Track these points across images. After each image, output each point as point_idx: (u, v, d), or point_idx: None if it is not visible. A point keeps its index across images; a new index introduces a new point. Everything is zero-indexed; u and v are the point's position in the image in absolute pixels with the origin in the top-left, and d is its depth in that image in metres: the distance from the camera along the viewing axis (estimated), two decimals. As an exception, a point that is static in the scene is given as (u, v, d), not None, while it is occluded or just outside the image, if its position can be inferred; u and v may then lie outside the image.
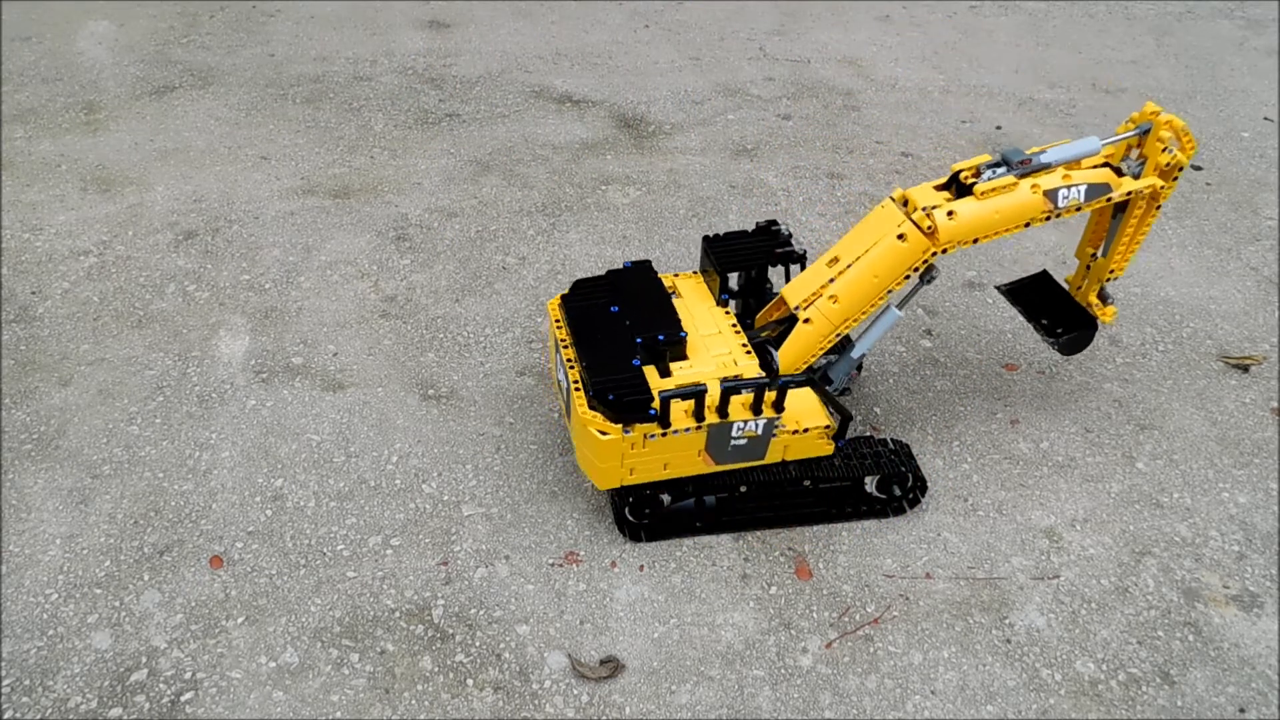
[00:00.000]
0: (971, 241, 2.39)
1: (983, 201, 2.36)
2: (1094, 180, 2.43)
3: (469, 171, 4.42)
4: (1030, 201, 2.38)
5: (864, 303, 2.44)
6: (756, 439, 2.41)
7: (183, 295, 3.55)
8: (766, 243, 2.72)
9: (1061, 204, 2.39)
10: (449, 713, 2.20)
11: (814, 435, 2.49)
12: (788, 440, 2.48)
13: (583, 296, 2.58)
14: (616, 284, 2.61)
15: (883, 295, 2.44)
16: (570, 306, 2.56)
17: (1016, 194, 2.37)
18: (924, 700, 2.24)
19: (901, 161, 4.60)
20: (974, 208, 2.35)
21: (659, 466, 2.42)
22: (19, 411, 3.00)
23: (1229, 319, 3.56)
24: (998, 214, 2.37)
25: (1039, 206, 2.38)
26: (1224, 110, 5.21)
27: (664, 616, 2.42)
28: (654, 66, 5.60)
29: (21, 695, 2.21)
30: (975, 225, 2.36)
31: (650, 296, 2.57)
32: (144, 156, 4.48)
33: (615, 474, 2.41)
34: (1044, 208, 2.39)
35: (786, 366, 2.51)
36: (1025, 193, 2.38)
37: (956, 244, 2.37)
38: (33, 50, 5.52)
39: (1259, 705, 2.26)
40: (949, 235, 2.34)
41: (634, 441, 2.32)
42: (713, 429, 2.35)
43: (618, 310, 2.51)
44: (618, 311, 2.51)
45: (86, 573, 2.50)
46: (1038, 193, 2.38)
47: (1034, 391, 3.18)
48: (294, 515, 2.67)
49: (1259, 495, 2.81)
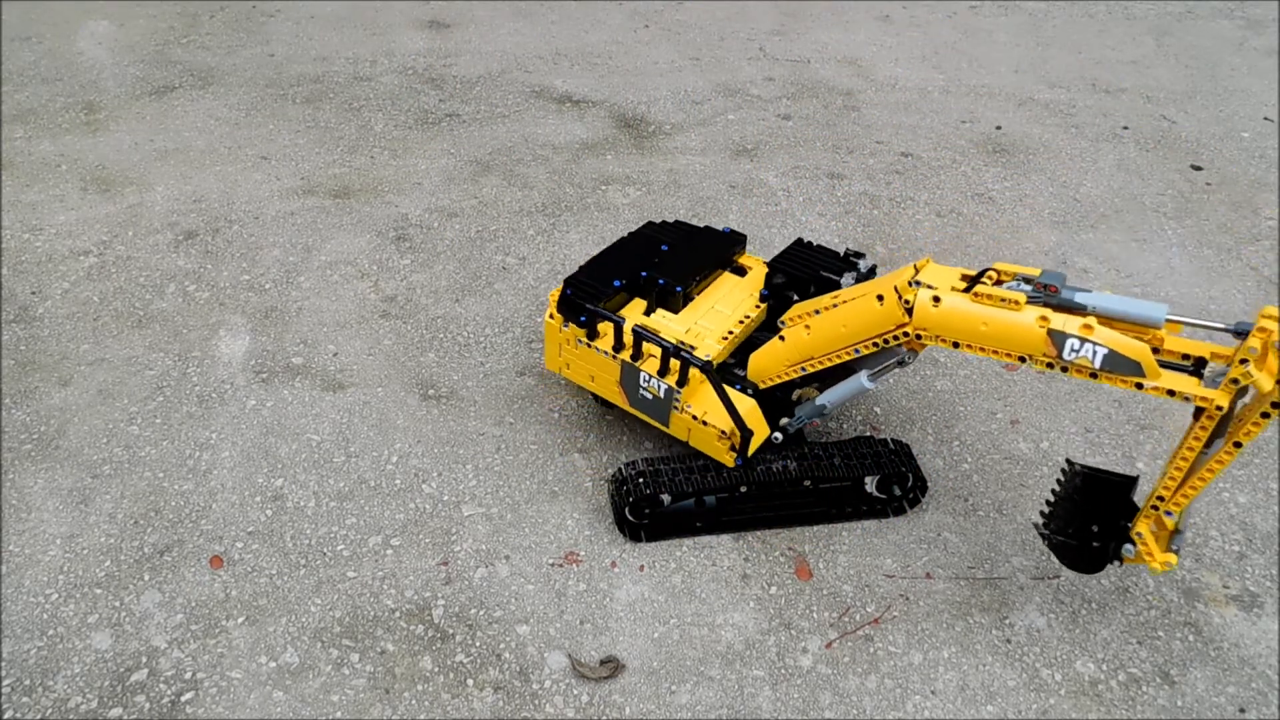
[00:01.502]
0: (952, 344, 2.11)
1: (975, 305, 2.04)
2: (1121, 350, 1.92)
3: (469, 171, 4.42)
4: (1028, 333, 1.99)
5: (828, 347, 2.32)
6: (659, 400, 2.55)
7: (183, 295, 3.55)
8: (825, 262, 2.71)
9: (1068, 356, 1.97)
10: (449, 713, 2.20)
11: (713, 434, 2.47)
12: (690, 423, 2.52)
13: (662, 229, 2.95)
14: (693, 235, 2.90)
15: (849, 350, 2.28)
16: (644, 229, 2.95)
17: (1015, 316, 2.00)
18: (924, 700, 2.24)
19: (901, 161, 4.60)
20: (963, 306, 2.05)
21: (587, 375, 2.70)
22: (19, 411, 3.00)
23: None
24: (985, 327, 2.04)
25: (1038, 344, 1.99)
26: (1224, 110, 5.21)
27: (664, 616, 2.42)
28: (654, 66, 5.60)
29: (21, 695, 2.21)
30: (956, 325, 2.07)
31: (697, 256, 2.80)
32: (144, 156, 4.48)
33: (554, 359, 2.77)
34: (1044, 349, 1.99)
35: (751, 372, 2.55)
36: (1027, 320, 1.99)
37: (933, 336, 2.11)
38: (33, 50, 5.52)
39: (1259, 705, 2.26)
40: (923, 320, 2.10)
41: (568, 338, 2.64)
42: (625, 366, 2.57)
43: (665, 249, 2.81)
44: (665, 250, 2.81)
45: (86, 573, 2.50)
46: (1042, 328, 1.97)
47: (1034, 391, 3.18)
48: (294, 515, 2.67)
49: (1259, 495, 2.81)
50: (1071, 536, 2.25)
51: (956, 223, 4.12)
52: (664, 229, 2.96)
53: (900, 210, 4.20)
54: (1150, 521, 2.12)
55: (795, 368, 2.43)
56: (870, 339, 2.23)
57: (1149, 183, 4.48)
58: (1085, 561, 2.28)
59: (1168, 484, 2.04)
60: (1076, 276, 3.76)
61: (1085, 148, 4.78)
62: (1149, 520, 2.11)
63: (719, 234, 2.92)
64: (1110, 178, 4.51)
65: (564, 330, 2.64)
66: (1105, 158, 4.69)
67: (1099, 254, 3.92)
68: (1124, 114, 5.14)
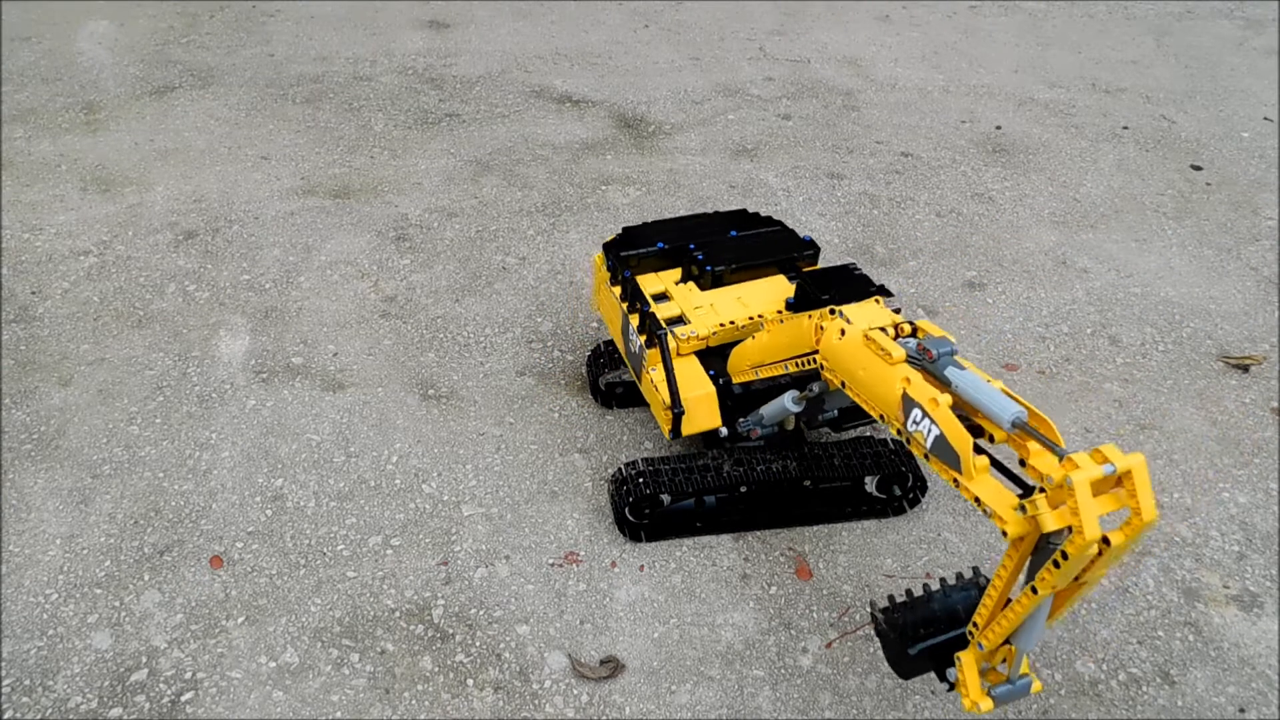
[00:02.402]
0: (840, 383, 2.04)
1: (863, 348, 1.95)
2: (949, 435, 1.72)
3: (469, 171, 4.42)
4: (889, 391, 1.85)
5: (771, 355, 2.36)
6: (636, 355, 2.68)
7: (183, 295, 3.55)
8: (849, 288, 2.62)
9: (910, 427, 1.81)
10: (449, 713, 2.20)
11: (659, 401, 2.54)
12: (648, 385, 2.61)
13: (748, 218, 3.00)
14: (768, 233, 2.92)
15: (781, 364, 2.33)
16: (733, 212, 3.04)
17: (886, 370, 1.86)
18: (924, 700, 2.24)
19: (901, 161, 4.60)
20: (853, 346, 1.97)
21: (609, 317, 2.91)
22: (19, 411, 3.00)
23: (1229, 319, 3.56)
24: (863, 372, 1.94)
25: (893, 405, 1.84)
26: (1224, 110, 5.21)
27: (664, 616, 2.42)
28: (654, 66, 5.60)
29: (21, 695, 2.21)
30: (844, 362, 2.00)
31: (755, 250, 2.83)
32: (144, 156, 4.48)
33: (594, 299, 3.03)
34: (896, 411, 1.84)
35: (728, 364, 2.58)
36: (893, 378, 1.84)
37: (828, 364, 2.07)
38: (33, 50, 5.52)
39: (1259, 705, 2.26)
40: (824, 348, 2.07)
41: (604, 280, 2.85)
42: (624, 317, 2.73)
43: (733, 235, 2.88)
44: (733, 236, 2.88)
45: (86, 573, 2.50)
46: (899, 389, 1.82)
47: (1034, 391, 3.18)
48: (294, 515, 2.67)
49: (1259, 495, 2.81)
50: (900, 635, 1.89)
51: (956, 223, 4.12)
52: (750, 218, 2.99)
53: (900, 210, 4.20)
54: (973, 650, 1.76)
55: (748, 365, 2.48)
56: (794, 357, 2.30)
57: (1149, 183, 4.48)
58: (900, 664, 1.95)
59: (981, 611, 1.73)
60: (1076, 276, 3.77)
61: (1085, 148, 4.78)
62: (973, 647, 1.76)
63: (795, 238, 2.89)
64: (1110, 178, 4.51)
65: (605, 271, 2.84)
66: (1105, 158, 4.69)
67: (1099, 254, 3.92)
68: (1124, 114, 5.14)
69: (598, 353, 3.04)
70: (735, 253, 2.79)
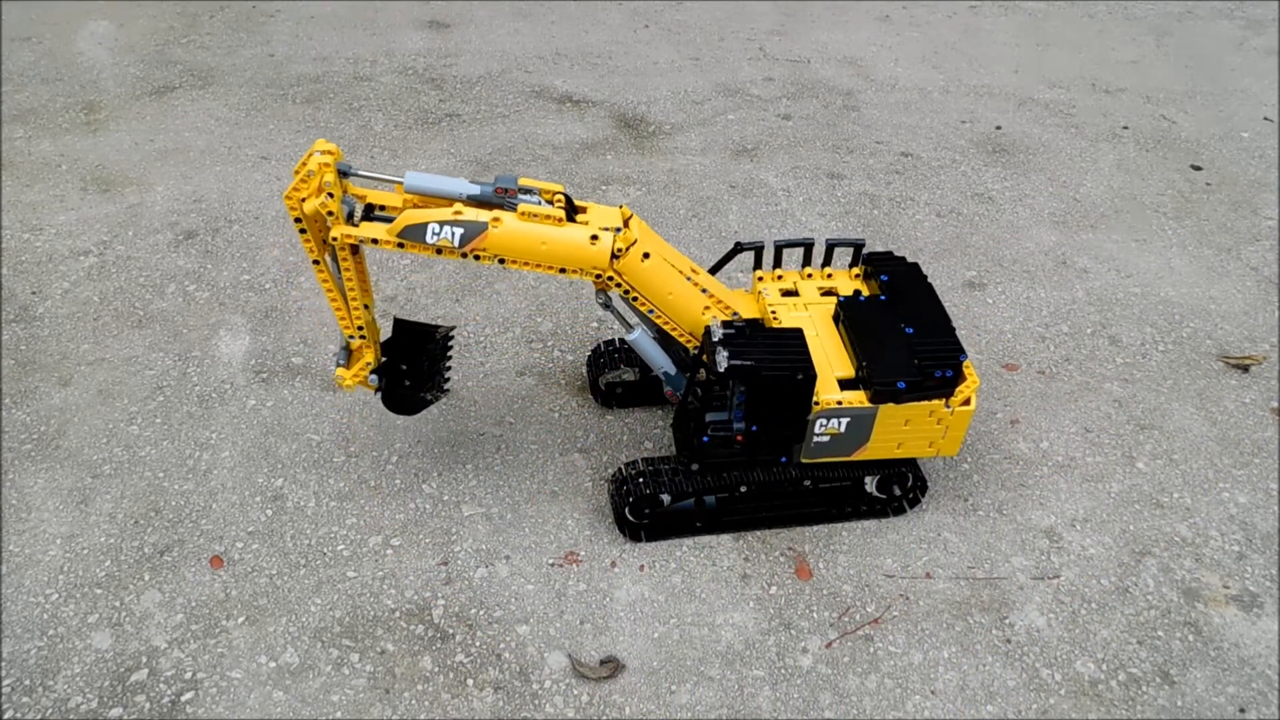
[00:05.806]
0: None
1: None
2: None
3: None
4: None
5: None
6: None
7: (183, 295, 3.55)
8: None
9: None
10: (449, 713, 2.20)
11: None
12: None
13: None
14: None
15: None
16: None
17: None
18: (924, 700, 2.24)
19: (901, 161, 4.60)
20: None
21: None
22: (19, 411, 3.00)
23: (1229, 319, 3.56)
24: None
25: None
26: (1224, 110, 5.21)
27: (664, 616, 2.42)
28: (654, 66, 5.60)
29: (22, 695, 2.21)
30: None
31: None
32: (144, 156, 4.48)
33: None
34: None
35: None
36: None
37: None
38: (33, 50, 5.52)
39: (1259, 705, 2.26)
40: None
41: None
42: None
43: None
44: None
45: (87, 573, 2.50)
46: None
47: (1034, 391, 3.18)
48: (294, 515, 2.67)
49: (1259, 495, 2.81)
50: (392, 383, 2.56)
51: (956, 222, 4.12)
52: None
53: (900, 210, 4.20)
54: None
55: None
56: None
57: (1149, 183, 4.48)
58: (399, 403, 2.61)
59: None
60: (1076, 276, 3.77)
61: (1085, 148, 4.78)
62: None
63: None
64: (1110, 178, 4.51)
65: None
66: (1105, 158, 4.69)
67: (1099, 254, 3.92)
68: (1124, 114, 5.14)
69: (598, 353, 3.03)
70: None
